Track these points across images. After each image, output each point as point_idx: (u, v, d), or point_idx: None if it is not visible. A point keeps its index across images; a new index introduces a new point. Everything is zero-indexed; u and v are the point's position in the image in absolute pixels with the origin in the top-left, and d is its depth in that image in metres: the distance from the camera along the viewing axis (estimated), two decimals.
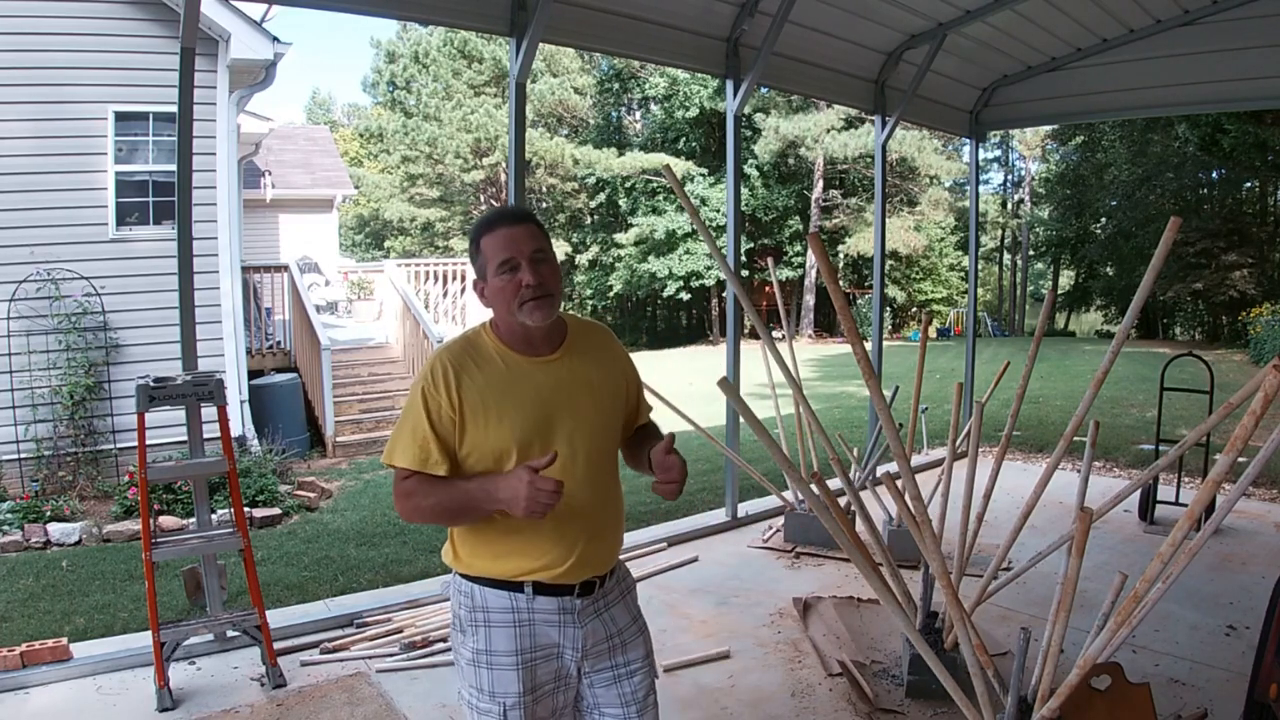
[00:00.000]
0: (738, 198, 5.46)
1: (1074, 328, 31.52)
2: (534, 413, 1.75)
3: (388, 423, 9.70)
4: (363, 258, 28.92)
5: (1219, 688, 3.23)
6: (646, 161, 24.05)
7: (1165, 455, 2.65)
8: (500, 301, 1.76)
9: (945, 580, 2.34)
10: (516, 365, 1.78)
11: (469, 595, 1.80)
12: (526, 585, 1.76)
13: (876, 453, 5.30)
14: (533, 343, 1.80)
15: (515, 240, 1.74)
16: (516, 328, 1.77)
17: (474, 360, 1.77)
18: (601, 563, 1.83)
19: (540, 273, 1.73)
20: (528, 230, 1.76)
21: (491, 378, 1.75)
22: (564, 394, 1.78)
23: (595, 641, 1.82)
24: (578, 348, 1.85)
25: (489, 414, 1.73)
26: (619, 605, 1.89)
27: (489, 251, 1.75)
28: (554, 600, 1.77)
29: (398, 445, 1.76)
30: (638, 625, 1.92)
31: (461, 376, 1.74)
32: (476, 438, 1.73)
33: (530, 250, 1.74)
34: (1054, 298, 23.78)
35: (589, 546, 1.79)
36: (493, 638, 1.77)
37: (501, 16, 4.12)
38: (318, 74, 69.19)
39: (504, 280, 1.73)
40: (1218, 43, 5.67)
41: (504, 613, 1.77)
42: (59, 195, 7.36)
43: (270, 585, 4.79)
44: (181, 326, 3.47)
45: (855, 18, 5.39)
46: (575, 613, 1.79)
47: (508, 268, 1.73)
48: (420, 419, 1.73)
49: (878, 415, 2.51)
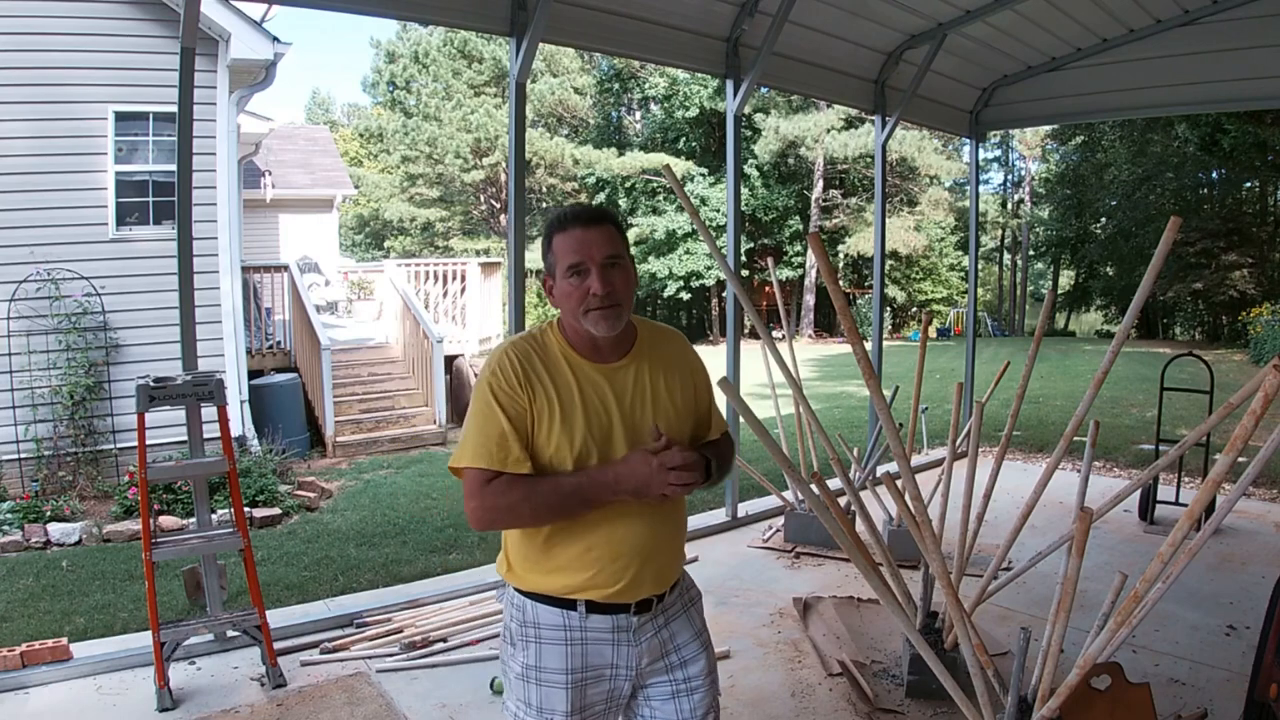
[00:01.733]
0: (738, 198, 5.46)
1: (1074, 328, 31.52)
2: (596, 423, 1.66)
3: (387, 423, 9.70)
4: (363, 258, 28.93)
5: (1219, 688, 3.23)
6: (646, 161, 24.04)
7: (1165, 455, 2.65)
8: (566, 306, 1.67)
9: (945, 580, 2.34)
10: (581, 371, 1.69)
11: (521, 609, 1.73)
12: (580, 603, 1.67)
13: (876, 453, 5.30)
14: (600, 349, 1.71)
15: (587, 243, 1.64)
16: (583, 332, 1.69)
17: (540, 360, 1.68)
18: (659, 581, 1.74)
19: (610, 281, 1.64)
20: (603, 233, 1.66)
21: (559, 381, 1.67)
22: (628, 404, 1.69)
23: (652, 659, 1.74)
24: (647, 354, 1.76)
25: (552, 419, 1.64)
26: (681, 619, 1.80)
27: (559, 251, 1.66)
28: (608, 619, 1.69)
29: (468, 447, 1.64)
30: (700, 640, 1.83)
31: (529, 373, 1.65)
32: (538, 442, 1.64)
33: (602, 256, 1.64)
34: (1054, 298, 23.81)
35: (646, 566, 1.69)
36: (543, 654, 1.69)
37: (501, 16, 4.12)
38: (318, 74, 69.22)
39: (572, 285, 1.64)
40: (1218, 43, 5.67)
41: (556, 630, 1.69)
42: (59, 195, 7.36)
43: (270, 585, 4.79)
44: (181, 326, 3.47)
45: (855, 18, 5.39)
46: (631, 630, 1.70)
47: (576, 272, 1.64)
48: (493, 415, 1.63)
49: (878, 415, 2.51)
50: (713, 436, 1.84)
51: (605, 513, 1.65)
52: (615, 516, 1.65)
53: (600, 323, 1.64)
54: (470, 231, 27.23)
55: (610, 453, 1.66)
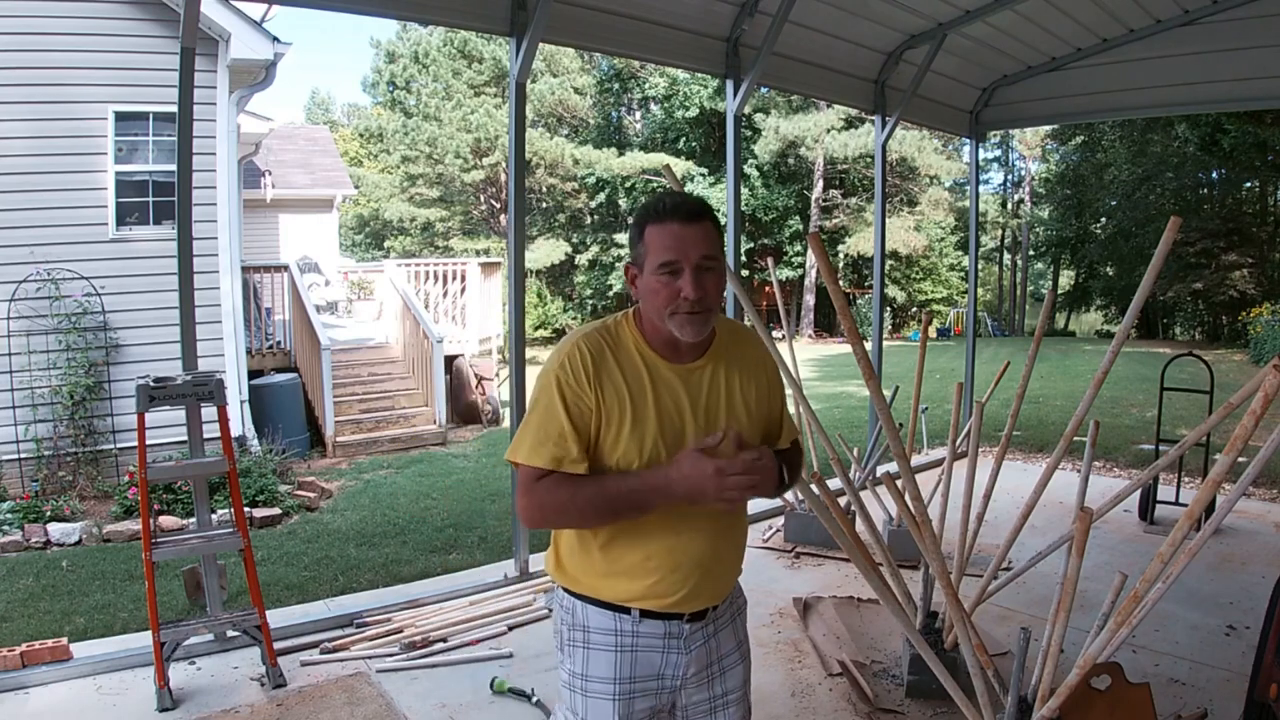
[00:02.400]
0: (738, 198, 5.47)
1: (1074, 328, 31.52)
2: (669, 426, 1.57)
3: (388, 423, 9.70)
4: (363, 258, 28.92)
5: (1219, 688, 3.23)
6: (646, 161, 24.03)
7: (1165, 455, 2.65)
8: (652, 303, 1.57)
9: (945, 580, 2.34)
10: (657, 369, 1.60)
11: (570, 611, 1.67)
12: (634, 609, 1.61)
13: (876, 453, 5.30)
14: (678, 348, 1.62)
15: (685, 241, 1.54)
16: (664, 331, 1.58)
17: (614, 354, 1.59)
18: (717, 593, 1.68)
19: (704, 285, 1.54)
20: (702, 231, 1.55)
21: (631, 380, 1.57)
22: (702, 407, 1.61)
23: (698, 668, 1.68)
24: (724, 355, 1.66)
25: (622, 419, 1.55)
26: (727, 629, 1.75)
27: (653, 244, 1.55)
28: (661, 624, 1.63)
29: (526, 440, 1.56)
30: (741, 651, 1.77)
31: (600, 369, 1.56)
32: (605, 443, 1.56)
33: (699, 256, 1.54)
34: (1054, 298, 23.81)
35: (706, 577, 1.63)
36: (591, 661, 1.63)
37: (501, 16, 4.12)
38: (317, 74, 69.21)
39: (661, 282, 1.54)
40: (1218, 43, 5.67)
41: (606, 634, 1.63)
42: (59, 195, 7.36)
43: (270, 585, 4.79)
44: (181, 326, 3.47)
45: (855, 18, 5.39)
46: (682, 638, 1.65)
47: (668, 270, 1.54)
48: (555, 410, 1.54)
49: (878, 415, 2.50)
50: (783, 445, 1.75)
51: (667, 522, 1.58)
52: (677, 526, 1.59)
53: (687, 327, 1.56)
54: (470, 231, 27.20)
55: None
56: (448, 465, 8.54)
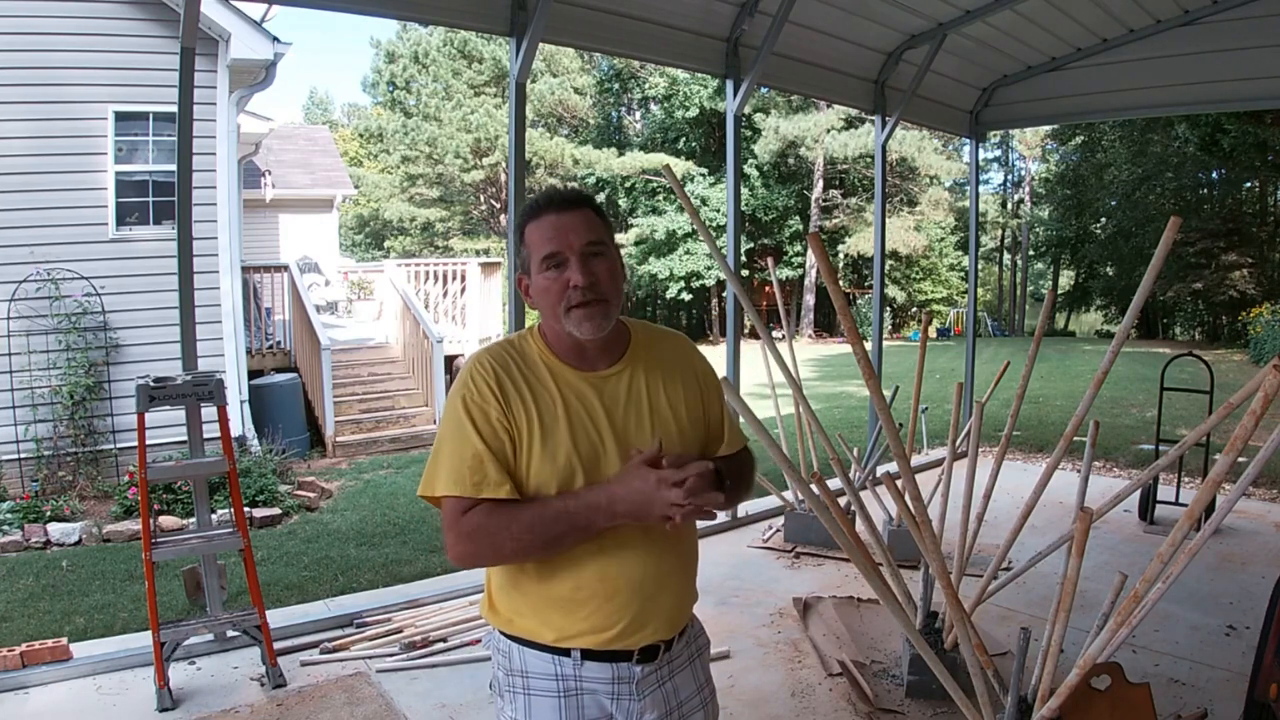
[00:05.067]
0: (738, 198, 5.47)
1: (1074, 328, 31.52)
2: (583, 441, 1.44)
3: (388, 423, 9.70)
4: (363, 258, 28.92)
5: (1219, 688, 3.23)
6: (646, 161, 24.03)
7: (1165, 455, 2.65)
8: (545, 304, 1.46)
9: (945, 580, 2.34)
10: (565, 381, 1.47)
11: (506, 655, 1.51)
12: (574, 650, 1.45)
13: (876, 453, 5.30)
14: (586, 355, 1.50)
15: (564, 230, 1.43)
16: (565, 336, 1.48)
17: (519, 370, 1.47)
18: (667, 624, 1.51)
19: (592, 271, 1.43)
20: (581, 217, 1.45)
21: (539, 395, 1.45)
22: (621, 417, 1.47)
23: (657, 717, 1.51)
24: (643, 359, 1.54)
25: (531, 438, 1.42)
26: (685, 671, 1.58)
27: (533, 242, 1.45)
28: (607, 667, 1.46)
29: (440, 471, 1.43)
30: (701, 696, 1.61)
31: (506, 386, 1.44)
32: (520, 467, 1.43)
33: (582, 243, 1.43)
34: (1054, 298, 23.76)
35: (647, 606, 1.46)
36: (533, 709, 1.47)
37: (501, 16, 4.12)
38: (317, 74, 69.22)
39: (549, 279, 1.44)
40: (1218, 43, 5.67)
41: (547, 679, 1.47)
42: (59, 195, 7.36)
43: (270, 585, 4.79)
44: (181, 326, 3.47)
45: (855, 18, 5.39)
46: (634, 683, 1.48)
47: (553, 263, 1.43)
48: (465, 434, 1.41)
49: (878, 415, 2.50)
50: (726, 451, 1.60)
51: (598, 543, 1.43)
52: (609, 547, 1.43)
53: (583, 322, 1.43)
54: (470, 231, 27.22)
55: (599, 476, 1.43)
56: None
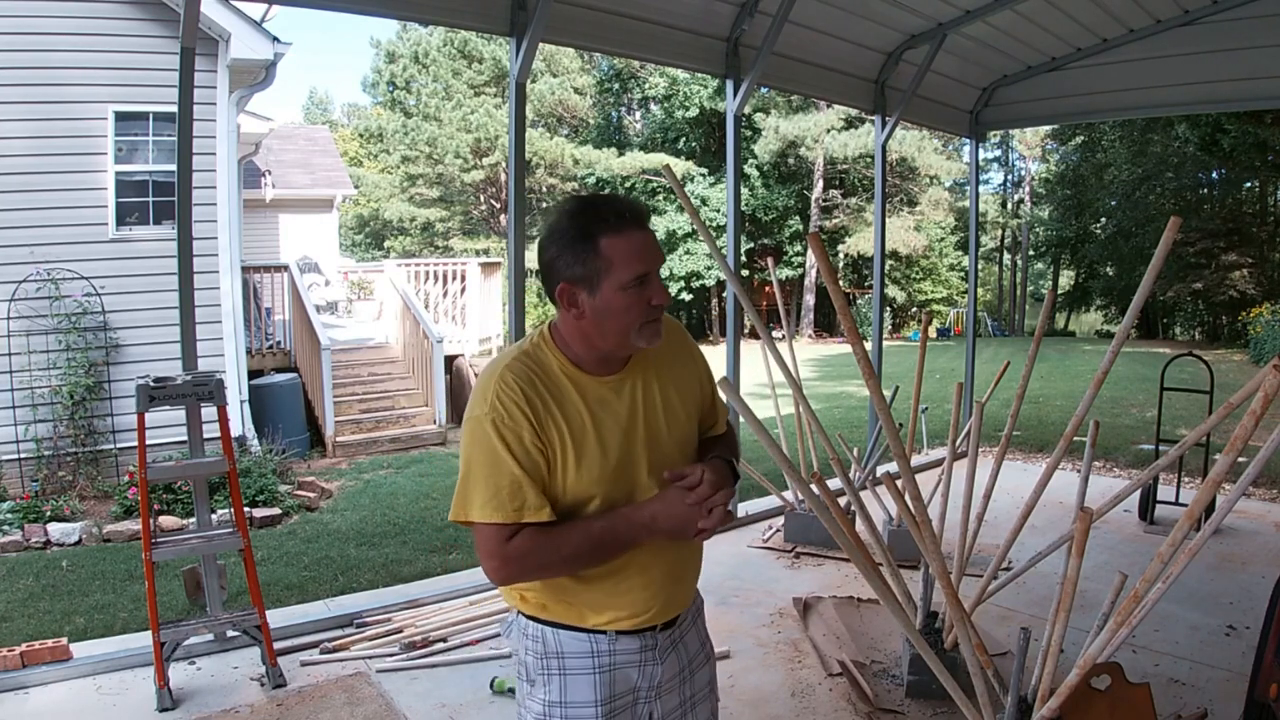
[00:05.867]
0: (738, 198, 5.47)
1: (1074, 328, 31.52)
2: (613, 447, 1.47)
3: (388, 423, 9.70)
4: (363, 258, 28.92)
5: (1219, 688, 3.23)
6: (646, 161, 24.03)
7: (1165, 455, 2.65)
8: (617, 322, 1.44)
9: (945, 580, 2.34)
10: (587, 390, 1.49)
11: (539, 640, 1.56)
12: (609, 630, 1.55)
13: (876, 453, 5.30)
14: (607, 360, 1.51)
15: (651, 248, 1.43)
16: (604, 349, 1.48)
17: (544, 385, 1.46)
18: (685, 599, 1.67)
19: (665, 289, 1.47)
20: (652, 234, 1.46)
21: (568, 410, 1.46)
22: (640, 418, 1.51)
23: (671, 675, 1.64)
24: (650, 356, 1.57)
25: (565, 453, 1.45)
26: (691, 631, 1.72)
27: (616, 258, 1.40)
28: (636, 639, 1.57)
29: (474, 496, 1.43)
30: (705, 650, 1.76)
31: (536, 405, 1.43)
32: (556, 485, 1.45)
33: (661, 262, 1.45)
34: (1054, 298, 23.77)
35: (676, 585, 1.61)
36: (569, 687, 1.54)
37: (501, 16, 4.12)
38: (317, 74, 69.23)
39: (631, 297, 1.42)
40: (1218, 43, 5.67)
41: (583, 657, 1.55)
42: (59, 195, 7.36)
43: (270, 585, 4.80)
44: (181, 326, 3.47)
45: (855, 18, 5.39)
46: (656, 649, 1.61)
47: (640, 283, 1.42)
48: (499, 458, 1.40)
49: (878, 415, 2.50)
50: (719, 431, 1.69)
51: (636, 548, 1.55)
52: (646, 549, 1.53)
53: (655, 336, 1.47)
54: (470, 231, 27.22)
55: (635, 475, 1.50)
56: (448, 465, 8.54)
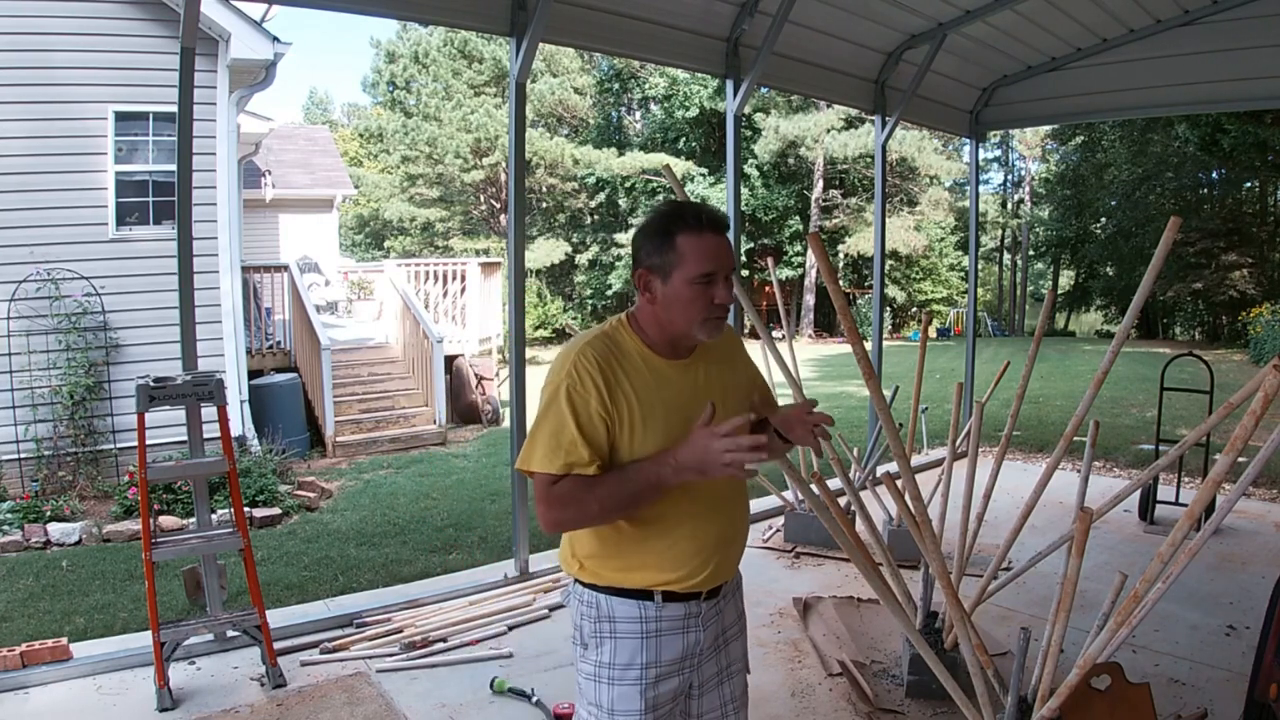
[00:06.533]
0: (738, 197, 5.46)
1: (1074, 328, 31.51)
2: (678, 420, 1.64)
3: (387, 423, 9.70)
4: (363, 258, 28.90)
5: (1219, 688, 3.23)
6: (646, 161, 24.02)
7: (1165, 455, 2.65)
8: (682, 311, 1.65)
9: (945, 580, 2.34)
10: (658, 370, 1.69)
11: (593, 605, 1.72)
12: (657, 594, 1.69)
13: (876, 453, 5.30)
14: (677, 346, 1.72)
15: (722, 253, 1.64)
16: (672, 333, 1.69)
17: (619, 362, 1.66)
18: (732, 568, 1.79)
19: (730, 290, 1.68)
20: (728, 243, 1.67)
21: (638, 383, 1.65)
22: (700, 396, 1.67)
23: (710, 641, 1.77)
24: (711, 350, 1.78)
25: (633, 422, 1.63)
26: (730, 601, 1.84)
27: (690, 254, 1.62)
28: (682, 605, 1.71)
29: (538, 449, 1.62)
30: (741, 623, 1.88)
31: (610, 377, 1.63)
32: (623, 447, 1.63)
33: (729, 268, 1.66)
34: (1054, 298, 23.76)
35: (725, 555, 1.74)
36: (618, 650, 1.69)
37: (501, 16, 4.12)
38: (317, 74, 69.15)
39: (696, 291, 1.63)
40: (1218, 43, 5.67)
41: (631, 622, 1.69)
42: (59, 195, 7.36)
43: (270, 585, 4.79)
44: (181, 326, 3.47)
45: (855, 18, 5.39)
46: (700, 616, 1.73)
47: (706, 280, 1.63)
48: (564, 420, 1.60)
49: (878, 415, 2.50)
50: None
51: (689, 509, 1.67)
52: (699, 512, 1.68)
53: (715, 330, 1.68)
54: (470, 231, 27.19)
55: None
56: (448, 465, 8.54)
